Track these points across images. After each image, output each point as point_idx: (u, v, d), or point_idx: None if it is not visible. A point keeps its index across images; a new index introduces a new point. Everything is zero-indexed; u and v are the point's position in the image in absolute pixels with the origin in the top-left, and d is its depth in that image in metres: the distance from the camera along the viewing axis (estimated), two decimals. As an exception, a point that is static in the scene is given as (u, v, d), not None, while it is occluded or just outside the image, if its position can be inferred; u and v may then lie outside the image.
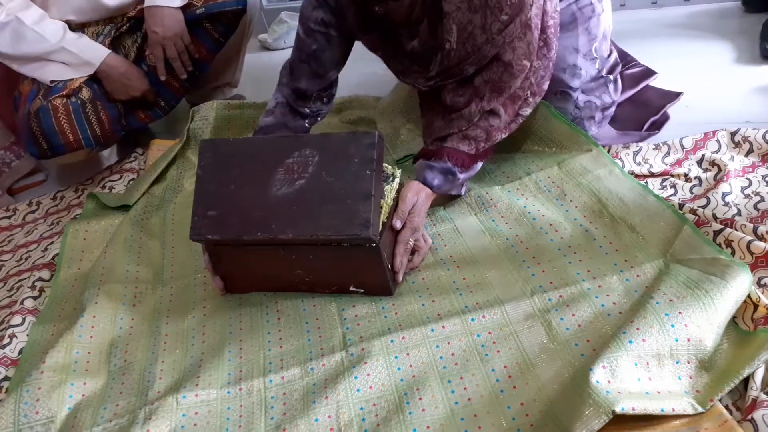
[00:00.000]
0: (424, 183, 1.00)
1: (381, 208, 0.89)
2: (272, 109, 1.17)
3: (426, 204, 0.99)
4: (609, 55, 1.22)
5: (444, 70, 1.04)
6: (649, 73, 1.36)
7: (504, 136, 1.05)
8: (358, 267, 0.91)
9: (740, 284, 0.76)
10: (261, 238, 0.88)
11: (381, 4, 0.98)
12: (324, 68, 1.14)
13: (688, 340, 0.72)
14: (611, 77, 1.20)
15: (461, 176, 1.03)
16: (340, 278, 0.94)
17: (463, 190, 1.08)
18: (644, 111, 1.28)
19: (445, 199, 1.09)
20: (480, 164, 1.06)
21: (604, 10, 1.16)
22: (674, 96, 1.31)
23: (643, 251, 0.89)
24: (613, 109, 1.22)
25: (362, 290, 0.94)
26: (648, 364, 0.71)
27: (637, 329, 0.73)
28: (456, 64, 1.01)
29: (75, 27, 1.38)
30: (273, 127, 1.15)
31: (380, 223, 0.88)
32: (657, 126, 1.24)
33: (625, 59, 1.37)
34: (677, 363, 0.72)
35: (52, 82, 1.34)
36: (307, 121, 1.19)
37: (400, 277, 0.95)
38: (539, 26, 1.01)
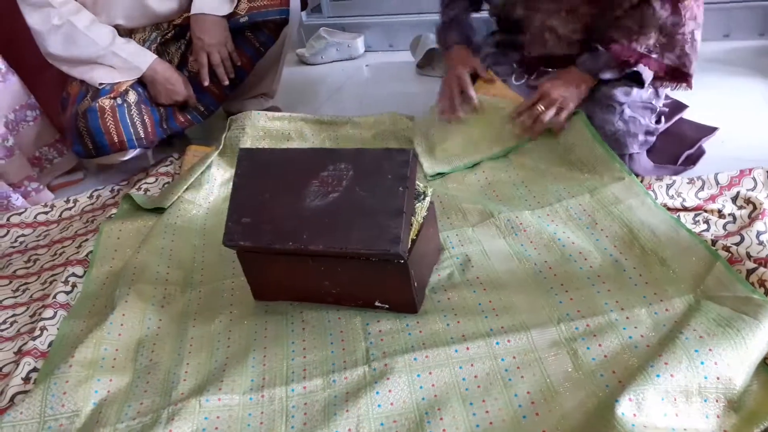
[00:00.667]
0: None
1: (411, 225, 0.90)
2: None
3: (566, 76, 1.20)
4: (659, 96, 1.28)
5: None
6: (680, 105, 1.36)
7: (662, 38, 1.13)
8: (385, 282, 0.92)
9: (773, 325, 0.75)
10: (291, 248, 0.90)
11: None
12: None
13: (718, 378, 0.71)
14: (657, 108, 1.25)
15: (604, 53, 1.14)
16: (367, 292, 0.95)
17: (608, 74, 1.18)
18: (679, 144, 1.27)
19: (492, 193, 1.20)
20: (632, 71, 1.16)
21: None
22: (710, 130, 1.30)
23: (673, 285, 0.88)
24: (654, 137, 1.24)
25: (387, 306, 0.95)
26: (675, 399, 0.70)
27: (666, 363, 0.72)
28: None
29: (123, 33, 1.43)
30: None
31: (410, 240, 0.89)
32: (692, 160, 1.23)
33: None
34: (705, 401, 0.71)
35: (100, 84, 1.39)
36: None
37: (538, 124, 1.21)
38: None
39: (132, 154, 1.47)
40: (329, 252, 0.89)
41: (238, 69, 1.51)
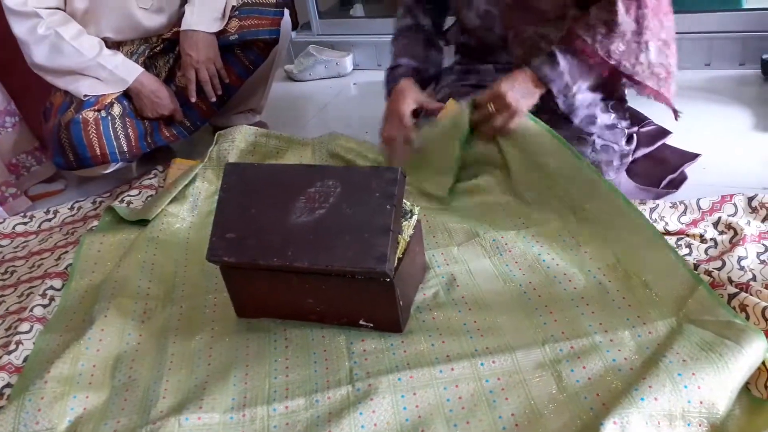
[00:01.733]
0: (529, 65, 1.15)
1: (398, 243, 0.90)
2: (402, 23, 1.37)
3: (521, 81, 1.14)
4: (624, 116, 1.29)
5: None
6: (664, 131, 1.39)
7: (621, 46, 1.11)
8: (370, 301, 0.91)
9: (755, 350, 0.76)
10: (276, 264, 0.89)
11: None
12: None
13: (701, 402, 0.72)
14: (625, 129, 1.26)
15: (562, 63, 1.11)
16: (351, 311, 0.94)
17: (561, 100, 1.16)
18: (662, 168, 1.30)
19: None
20: (588, 74, 1.15)
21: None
22: (692, 156, 1.32)
23: (656, 308, 0.89)
24: (629, 158, 1.25)
25: (372, 325, 0.94)
26: (659, 423, 0.70)
27: (650, 387, 0.73)
28: None
29: (111, 45, 1.43)
30: (409, 28, 1.37)
31: (396, 259, 0.89)
32: (674, 185, 1.25)
33: (639, 118, 1.40)
34: (689, 425, 0.71)
35: (85, 96, 1.37)
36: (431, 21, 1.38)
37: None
38: None
39: (114, 167, 1.45)
40: (314, 269, 0.88)
41: (226, 86, 1.51)
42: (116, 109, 1.39)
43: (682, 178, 1.27)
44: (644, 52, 1.14)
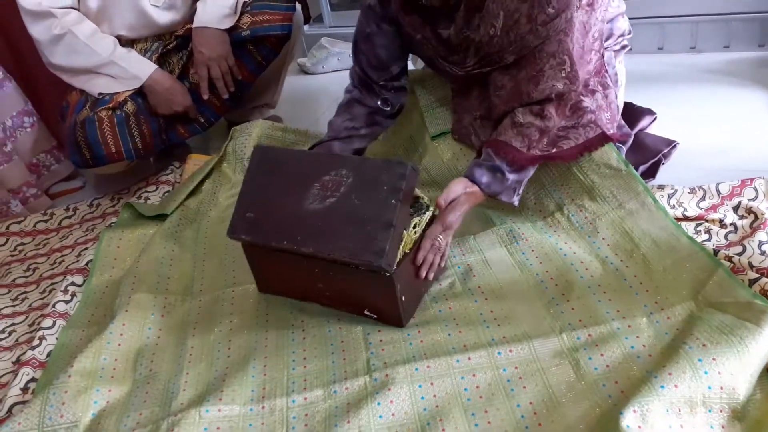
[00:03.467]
0: (472, 180, 0.99)
1: (403, 238, 0.90)
2: (350, 88, 1.21)
3: (467, 203, 0.98)
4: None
5: (483, 58, 1.04)
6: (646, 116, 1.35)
7: (547, 138, 1.01)
8: (372, 293, 0.92)
9: (776, 332, 0.75)
10: (285, 247, 0.91)
11: None
12: (380, 57, 1.16)
13: (721, 388, 0.71)
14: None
15: (510, 176, 1.00)
16: (355, 300, 0.95)
17: (515, 199, 1.03)
18: (641, 154, 1.26)
19: (496, 204, 1.08)
20: (532, 170, 1.03)
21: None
22: (670, 143, 1.28)
23: (673, 293, 0.88)
24: (630, 141, 1.22)
25: (375, 316, 0.94)
26: (680, 410, 0.70)
27: (669, 374, 0.72)
28: (497, 51, 1.01)
29: (124, 42, 1.43)
30: (350, 101, 1.19)
31: (399, 254, 0.88)
32: (651, 172, 1.24)
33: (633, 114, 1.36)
34: (710, 411, 0.70)
35: (99, 94, 1.38)
36: (380, 101, 1.19)
37: (424, 273, 0.93)
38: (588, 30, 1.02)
39: (130, 164, 1.46)
40: (318, 256, 0.89)
41: (239, 82, 1.51)
42: (130, 107, 1.39)
43: (658, 163, 1.24)
44: (580, 125, 1.05)
